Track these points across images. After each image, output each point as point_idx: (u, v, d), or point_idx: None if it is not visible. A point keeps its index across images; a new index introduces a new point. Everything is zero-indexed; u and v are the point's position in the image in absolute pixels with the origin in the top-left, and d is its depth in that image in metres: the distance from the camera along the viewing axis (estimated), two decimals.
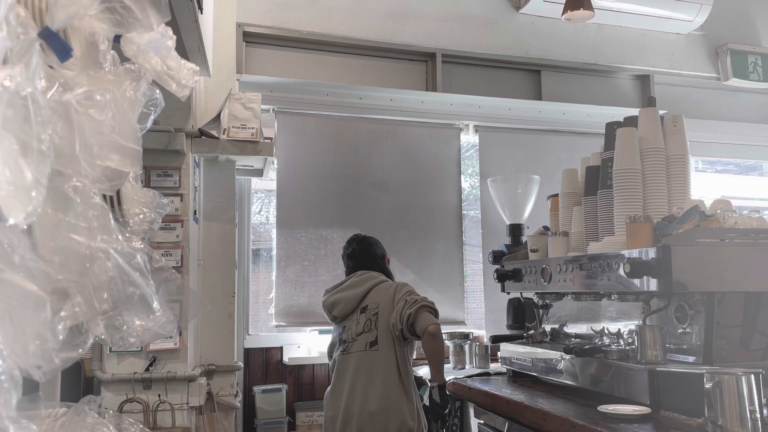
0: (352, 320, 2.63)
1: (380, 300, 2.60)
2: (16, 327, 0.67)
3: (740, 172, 4.76)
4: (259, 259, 3.57)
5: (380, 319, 2.56)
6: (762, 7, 4.51)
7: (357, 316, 2.62)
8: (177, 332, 2.47)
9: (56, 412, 0.88)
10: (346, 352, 2.58)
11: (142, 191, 1.21)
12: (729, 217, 2.05)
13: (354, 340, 2.59)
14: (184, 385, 2.57)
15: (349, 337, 2.60)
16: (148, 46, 1.08)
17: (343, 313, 2.65)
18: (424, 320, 2.46)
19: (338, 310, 2.66)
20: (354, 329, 2.61)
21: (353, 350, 2.57)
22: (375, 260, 2.79)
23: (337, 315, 2.67)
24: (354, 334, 2.60)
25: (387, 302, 2.59)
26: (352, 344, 2.59)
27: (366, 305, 2.62)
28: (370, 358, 2.53)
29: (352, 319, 2.63)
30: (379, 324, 2.56)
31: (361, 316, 2.61)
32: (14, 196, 0.66)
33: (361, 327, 2.60)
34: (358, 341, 2.57)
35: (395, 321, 2.52)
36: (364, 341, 2.56)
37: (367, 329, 2.58)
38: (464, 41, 3.84)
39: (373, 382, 2.50)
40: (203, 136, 2.80)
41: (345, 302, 2.65)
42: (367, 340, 2.56)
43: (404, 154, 3.66)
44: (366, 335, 2.57)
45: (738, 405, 1.58)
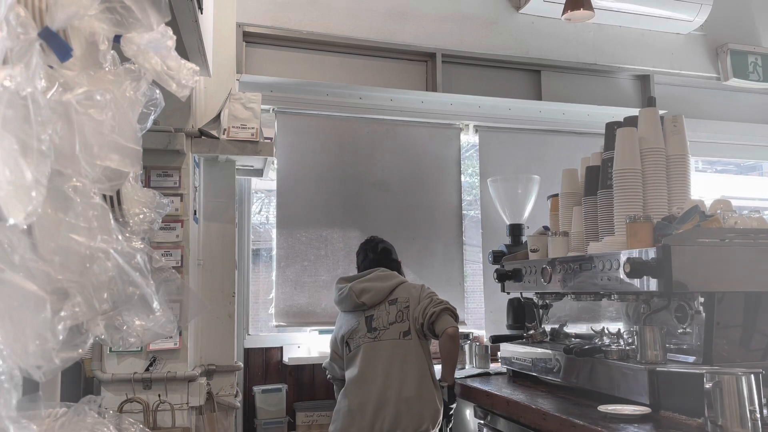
0: (381, 310, 2.67)
1: (409, 296, 2.67)
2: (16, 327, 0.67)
3: (740, 172, 4.76)
4: (259, 259, 3.57)
5: (411, 312, 2.63)
6: (762, 7, 4.51)
7: (386, 306, 2.67)
8: (177, 332, 2.46)
9: (56, 412, 0.88)
10: (378, 339, 2.62)
11: (142, 191, 1.21)
12: (729, 217, 2.05)
13: (386, 329, 2.62)
14: (184, 385, 2.57)
15: (381, 326, 2.64)
16: (148, 46, 1.08)
17: (373, 301, 2.68)
18: (444, 321, 2.56)
19: (368, 298, 2.68)
20: (385, 318, 2.65)
21: (385, 338, 2.61)
22: (394, 261, 2.90)
23: (366, 302, 2.68)
24: (386, 323, 2.64)
25: (415, 298, 2.66)
26: (384, 332, 2.63)
27: (395, 298, 2.68)
28: (403, 347, 2.58)
29: (381, 309, 2.67)
30: (410, 317, 2.63)
31: (391, 308, 2.66)
32: (14, 196, 0.66)
33: (393, 317, 2.64)
34: (391, 330, 2.62)
35: (417, 315, 2.60)
36: (398, 330, 2.61)
37: (399, 320, 2.63)
38: (464, 41, 3.84)
39: (409, 369, 2.55)
40: (203, 136, 2.80)
41: (375, 292, 2.68)
42: (401, 329, 2.61)
43: (404, 154, 3.66)
44: (399, 325, 2.62)
45: (738, 405, 1.58)
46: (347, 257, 3.42)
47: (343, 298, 2.73)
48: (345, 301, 2.73)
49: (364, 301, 2.68)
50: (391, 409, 2.50)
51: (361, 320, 2.69)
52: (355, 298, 2.69)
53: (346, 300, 2.72)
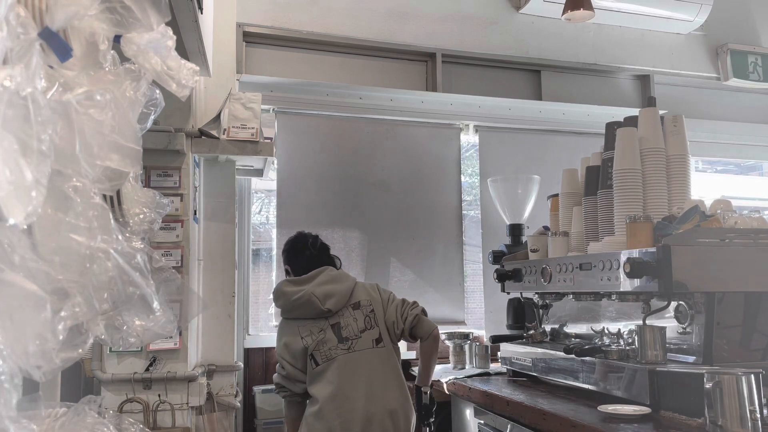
0: (347, 316, 2.43)
1: (370, 298, 2.49)
2: (16, 327, 0.67)
3: (740, 172, 4.76)
4: (259, 259, 3.57)
5: (377, 316, 2.45)
6: (762, 7, 4.51)
7: (351, 312, 2.44)
8: (177, 332, 2.47)
9: (56, 412, 0.88)
10: (352, 350, 2.39)
11: (142, 191, 1.21)
12: (729, 217, 2.05)
13: (358, 337, 2.41)
14: (184, 385, 2.57)
15: (351, 334, 2.41)
16: (148, 46, 1.08)
17: (337, 306, 2.43)
18: (427, 324, 2.47)
19: (333, 303, 2.42)
20: (354, 326, 2.43)
21: (359, 348, 2.40)
22: (336, 258, 2.66)
23: (332, 308, 2.42)
24: (356, 331, 2.42)
25: (376, 300, 2.49)
26: (356, 341, 2.41)
27: (357, 301, 2.46)
28: (379, 356, 2.41)
29: (347, 315, 2.44)
30: (377, 321, 2.45)
31: (357, 312, 2.44)
32: (14, 196, 0.66)
33: (361, 323, 2.43)
34: (363, 338, 2.41)
35: (395, 319, 2.45)
36: (370, 338, 2.42)
37: (368, 326, 2.43)
38: (464, 41, 3.84)
39: (389, 380, 2.40)
40: (203, 136, 2.80)
41: (339, 296, 2.44)
42: (372, 337, 2.42)
43: (404, 154, 3.66)
44: (370, 332, 2.43)
45: (738, 405, 1.58)
46: (347, 257, 3.42)
47: (301, 303, 2.42)
48: (304, 307, 2.42)
49: (330, 308, 2.41)
50: (377, 427, 2.31)
51: (327, 329, 2.41)
52: (319, 305, 2.40)
53: (305, 306, 2.42)
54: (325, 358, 2.38)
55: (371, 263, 3.49)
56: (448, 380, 2.83)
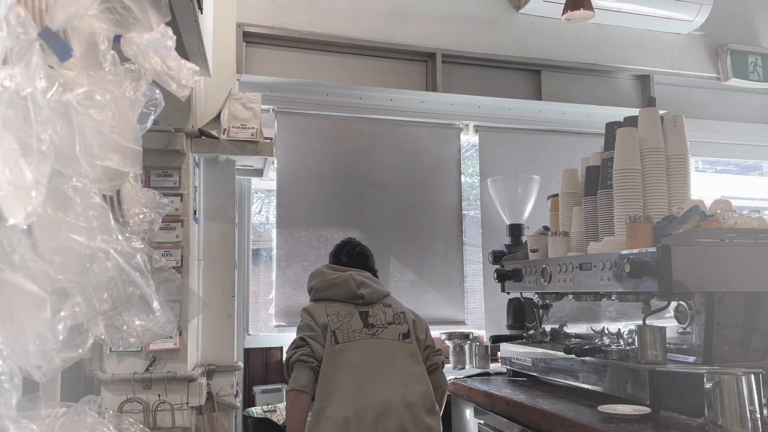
0: (377, 309, 2.39)
1: (403, 308, 2.46)
2: (16, 327, 0.67)
3: (740, 172, 4.76)
4: (259, 259, 3.57)
5: (408, 319, 2.40)
6: (762, 7, 4.51)
7: (381, 307, 2.40)
8: (177, 332, 2.47)
9: (56, 412, 0.88)
10: (376, 336, 2.30)
11: (142, 191, 1.21)
12: (729, 217, 2.05)
13: (385, 327, 2.34)
14: (184, 385, 2.57)
15: (379, 323, 2.35)
16: (148, 46, 1.08)
17: (370, 298, 2.39)
18: (442, 378, 2.42)
19: (367, 292, 2.38)
20: (382, 317, 2.36)
21: (385, 336, 2.32)
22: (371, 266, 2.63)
23: (365, 296, 2.37)
24: (384, 322, 2.35)
25: (409, 317, 2.44)
26: (382, 330, 2.33)
27: (390, 304, 2.43)
28: (404, 350, 2.31)
29: (377, 308, 2.39)
30: (408, 321, 2.39)
31: (387, 309, 2.40)
32: (14, 196, 0.66)
33: (390, 317, 2.37)
34: (390, 330, 2.34)
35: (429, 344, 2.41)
36: (397, 331, 2.34)
37: (397, 322, 2.37)
38: (464, 41, 3.84)
39: (412, 373, 2.28)
40: (203, 136, 2.80)
41: (373, 290, 2.41)
42: (400, 331, 2.35)
43: (404, 154, 3.66)
44: (398, 327, 2.36)
45: (738, 405, 1.58)
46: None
47: (337, 283, 2.39)
48: (339, 287, 2.39)
49: (363, 294, 2.37)
50: (394, 418, 2.16)
51: (354, 314, 2.35)
52: (354, 288, 2.37)
53: (340, 286, 2.39)
54: (347, 338, 2.29)
55: None
56: (448, 380, 2.83)
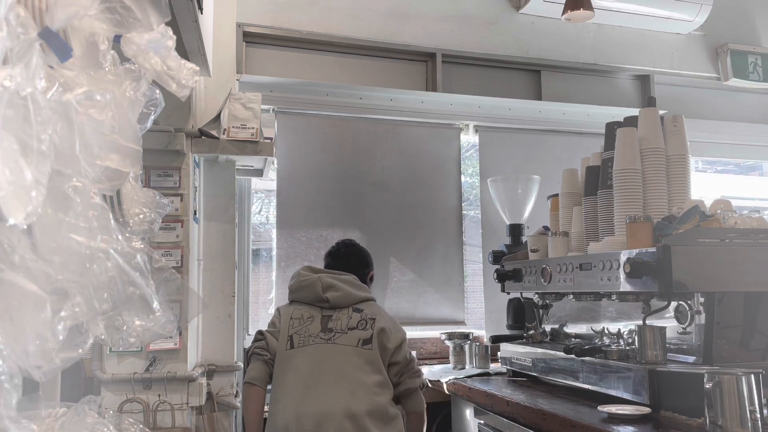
0: (342, 314, 2.34)
1: (377, 314, 2.36)
2: (16, 327, 0.67)
3: (740, 172, 4.76)
4: (259, 259, 3.57)
5: (377, 326, 2.30)
6: (762, 7, 4.51)
7: (349, 312, 2.34)
8: (177, 332, 2.47)
9: (56, 412, 0.88)
10: (331, 341, 2.25)
11: (142, 191, 1.21)
12: (729, 217, 2.05)
13: (344, 333, 2.27)
14: (184, 385, 2.57)
15: (338, 328, 2.28)
16: (148, 46, 1.08)
17: (337, 303, 2.34)
18: (419, 402, 2.33)
19: (334, 296, 2.34)
20: (345, 322, 2.30)
21: (341, 342, 2.25)
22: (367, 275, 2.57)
23: (330, 300, 2.33)
24: (344, 327, 2.29)
25: (387, 323, 2.35)
26: (340, 336, 2.27)
27: (362, 309, 2.37)
28: (360, 357, 2.23)
29: (342, 313, 2.34)
30: (375, 328, 2.30)
31: (355, 314, 2.34)
32: (14, 196, 0.66)
33: (354, 322, 2.30)
34: (349, 335, 2.27)
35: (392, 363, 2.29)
36: (357, 337, 2.27)
37: (361, 327, 2.29)
38: (464, 41, 3.84)
39: (362, 381, 2.19)
40: (203, 136, 2.79)
41: (344, 294, 2.36)
42: (361, 336, 2.27)
43: (404, 154, 3.66)
44: (359, 332, 2.28)
45: (738, 405, 1.58)
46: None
47: (305, 286, 2.38)
48: (306, 289, 2.38)
49: (328, 297, 2.34)
50: (334, 428, 2.10)
51: (316, 318, 2.33)
52: (319, 291, 2.34)
53: (308, 288, 2.37)
54: (302, 343, 2.27)
55: None
56: (448, 380, 2.83)
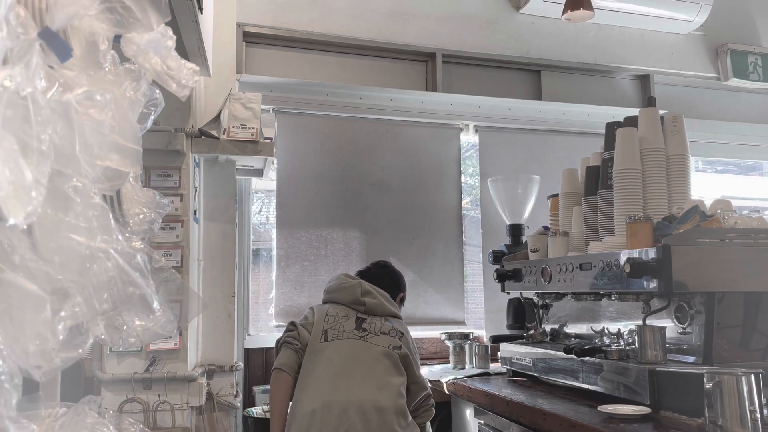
0: (377, 320, 2.41)
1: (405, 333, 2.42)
2: (16, 327, 0.67)
3: (740, 172, 4.76)
4: (259, 259, 3.57)
5: (404, 340, 2.38)
6: (762, 7, 4.51)
7: (382, 321, 2.42)
8: (177, 332, 2.47)
9: (56, 412, 0.88)
10: (365, 339, 2.32)
11: (142, 191, 1.21)
12: (729, 217, 2.05)
13: (377, 335, 2.35)
14: (184, 385, 2.57)
15: (372, 330, 2.36)
16: (148, 46, 1.08)
17: (373, 310, 2.43)
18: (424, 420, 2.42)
19: (371, 303, 2.42)
20: (378, 326, 2.38)
21: (373, 342, 2.32)
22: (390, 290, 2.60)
23: (367, 304, 2.41)
24: (378, 330, 2.36)
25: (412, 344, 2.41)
26: (373, 337, 2.34)
27: (393, 322, 2.44)
28: (390, 358, 2.30)
29: (377, 319, 2.42)
30: (404, 341, 2.37)
31: (386, 323, 2.41)
32: (14, 196, 0.66)
33: (386, 329, 2.38)
34: (382, 338, 2.34)
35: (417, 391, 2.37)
36: (389, 342, 2.34)
37: (393, 335, 2.36)
38: (464, 41, 3.84)
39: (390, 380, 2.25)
40: (203, 136, 2.80)
41: (380, 303, 2.44)
42: (392, 343, 2.34)
43: (404, 154, 3.66)
44: (390, 338, 2.35)
45: (738, 405, 1.58)
46: (347, 257, 3.42)
47: (345, 287, 2.47)
48: (345, 291, 2.47)
49: (365, 301, 2.42)
50: (361, 418, 2.14)
51: (351, 317, 2.40)
52: (358, 293, 2.43)
53: (347, 290, 2.46)
54: (335, 337, 2.33)
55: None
56: (448, 380, 2.83)
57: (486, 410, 2.51)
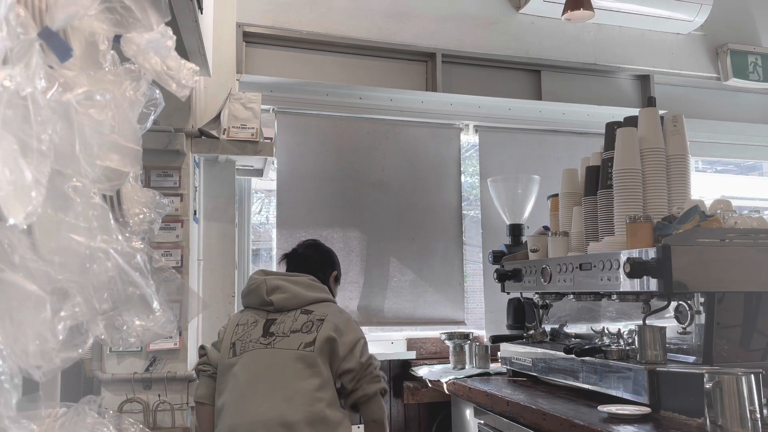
0: (288, 317, 2.17)
1: (328, 314, 2.17)
2: (16, 327, 0.67)
3: (740, 172, 4.76)
4: (259, 259, 3.57)
5: (324, 328, 2.12)
6: (762, 7, 4.51)
7: (295, 314, 2.17)
8: (177, 332, 2.47)
9: (56, 412, 0.88)
10: (270, 346, 2.09)
11: (142, 191, 1.21)
12: (729, 217, 2.05)
13: (285, 336, 2.11)
14: (184, 385, 2.57)
15: (279, 332, 2.13)
16: (148, 46, 1.08)
17: (283, 305, 2.18)
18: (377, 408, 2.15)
19: (279, 299, 2.18)
20: (288, 325, 2.14)
21: (280, 346, 2.09)
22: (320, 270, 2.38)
23: (275, 303, 2.17)
24: (287, 330, 2.12)
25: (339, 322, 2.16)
26: (281, 340, 2.10)
27: (312, 310, 2.19)
28: (300, 361, 2.06)
29: (289, 316, 2.17)
30: (321, 330, 2.11)
31: (302, 316, 2.16)
32: (14, 196, 0.66)
33: (298, 325, 2.13)
34: (291, 338, 2.10)
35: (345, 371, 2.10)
36: (299, 341, 2.09)
37: (306, 330, 2.12)
38: (464, 41, 3.84)
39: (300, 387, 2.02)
40: (203, 136, 2.80)
41: (290, 295, 2.19)
42: (303, 340, 2.09)
43: (404, 154, 3.66)
44: (302, 335, 2.10)
45: (738, 405, 1.58)
46: (347, 257, 3.42)
47: (252, 290, 2.23)
48: (252, 294, 2.23)
49: (272, 300, 2.18)
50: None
51: (260, 322, 2.18)
52: (263, 294, 2.19)
53: (253, 292, 2.22)
54: (242, 349, 2.13)
55: (371, 263, 3.49)
56: (448, 380, 2.83)
57: (486, 410, 2.51)
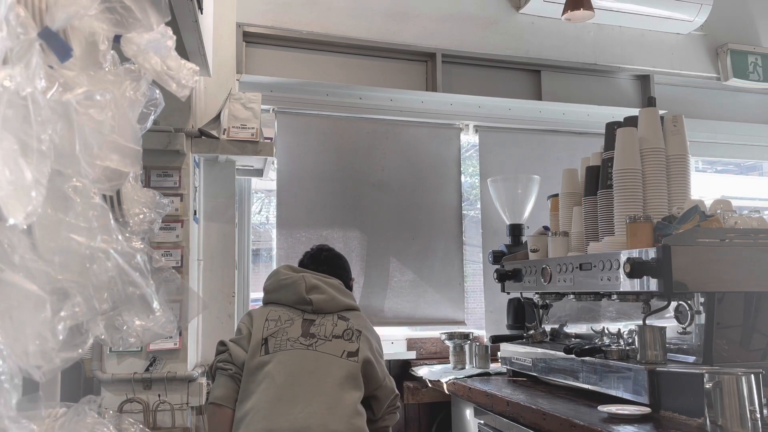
0: (327, 320, 2.09)
1: (363, 328, 2.12)
2: (16, 327, 0.67)
3: (740, 172, 4.76)
4: (259, 259, 3.57)
5: (363, 340, 2.06)
6: (762, 7, 4.51)
7: (334, 319, 2.10)
8: (177, 332, 2.47)
9: (56, 412, 0.88)
10: (312, 348, 1.99)
11: (142, 191, 1.21)
12: (729, 217, 2.05)
13: (327, 340, 2.03)
14: (184, 385, 2.57)
15: (321, 334, 2.04)
16: (148, 46, 1.08)
17: (321, 307, 2.10)
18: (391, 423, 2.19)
19: (318, 299, 2.09)
20: (329, 329, 2.06)
21: (323, 350, 2.00)
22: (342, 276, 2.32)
23: (314, 302, 2.08)
24: (328, 334, 2.04)
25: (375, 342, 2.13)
26: (323, 343, 2.01)
27: (348, 318, 2.13)
28: (344, 369, 1.97)
29: (327, 319, 2.09)
30: (361, 341, 2.06)
31: (340, 322, 2.09)
32: (14, 196, 0.66)
33: (339, 331, 2.06)
34: (333, 344, 2.02)
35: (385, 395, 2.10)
36: (341, 348, 2.02)
37: (347, 337, 2.05)
38: (464, 41, 3.84)
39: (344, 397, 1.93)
40: (203, 136, 2.80)
41: (329, 297, 2.12)
42: (346, 348, 2.02)
43: (404, 154, 3.66)
44: (345, 343, 2.03)
45: (738, 405, 1.58)
46: (347, 257, 3.39)
47: (287, 284, 2.12)
48: (288, 288, 2.12)
49: (311, 299, 2.09)
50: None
51: (297, 321, 2.06)
52: (302, 291, 2.09)
53: (289, 287, 2.11)
54: (278, 348, 1.99)
55: (371, 263, 3.49)
56: (448, 380, 2.83)
57: (486, 410, 2.51)
